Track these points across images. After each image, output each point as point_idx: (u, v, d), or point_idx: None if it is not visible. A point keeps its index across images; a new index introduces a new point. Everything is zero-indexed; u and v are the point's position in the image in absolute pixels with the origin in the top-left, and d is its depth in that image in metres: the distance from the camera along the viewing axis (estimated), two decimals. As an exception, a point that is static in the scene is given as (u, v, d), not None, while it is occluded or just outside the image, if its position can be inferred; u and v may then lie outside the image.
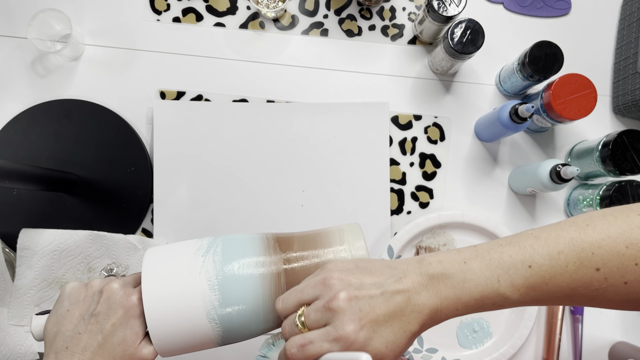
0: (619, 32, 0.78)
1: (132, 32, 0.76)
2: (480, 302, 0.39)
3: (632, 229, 0.37)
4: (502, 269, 0.38)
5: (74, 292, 0.44)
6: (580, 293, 0.38)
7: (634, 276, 0.37)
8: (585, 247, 0.37)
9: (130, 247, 0.70)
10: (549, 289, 0.38)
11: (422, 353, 0.71)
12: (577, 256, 0.37)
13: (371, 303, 0.37)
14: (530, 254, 0.38)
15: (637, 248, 0.37)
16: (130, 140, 0.73)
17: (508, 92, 0.76)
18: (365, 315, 0.37)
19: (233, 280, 0.42)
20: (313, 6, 0.78)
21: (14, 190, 0.71)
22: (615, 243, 0.37)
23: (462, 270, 0.39)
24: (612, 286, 0.37)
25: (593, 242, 0.37)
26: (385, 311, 0.37)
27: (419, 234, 0.72)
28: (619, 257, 0.37)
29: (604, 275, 0.37)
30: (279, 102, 0.75)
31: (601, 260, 0.37)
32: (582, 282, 0.37)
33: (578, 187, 0.74)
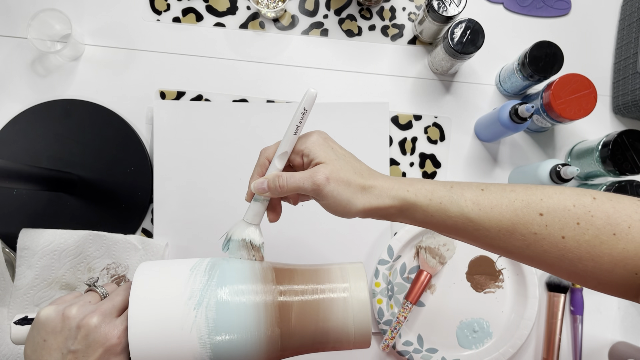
0: (619, 32, 0.78)
1: (132, 32, 0.76)
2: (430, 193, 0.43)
3: (585, 195, 0.40)
4: (458, 185, 0.43)
5: (49, 322, 0.41)
6: (520, 232, 0.40)
7: (572, 233, 0.39)
8: (537, 193, 0.41)
9: (130, 247, 0.70)
10: (493, 214, 0.41)
11: (422, 353, 0.71)
12: (527, 197, 0.41)
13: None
14: (486, 185, 0.43)
15: (583, 210, 0.39)
16: (130, 140, 0.73)
17: (508, 92, 0.76)
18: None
19: (226, 311, 0.41)
20: (313, 6, 0.78)
21: (14, 190, 0.71)
22: (564, 199, 0.40)
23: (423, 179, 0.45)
24: (550, 235, 0.39)
25: (545, 192, 0.41)
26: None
27: (419, 234, 0.72)
28: (564, 211, 0.39)
29: (545, 222, 0.40)
30: (279, 102, 0.75)
31: (547, 208, 0.40)
32: (524, 220, 0.40)
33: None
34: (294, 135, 0.45)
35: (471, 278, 0.73)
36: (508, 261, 0.73)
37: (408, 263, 0.73)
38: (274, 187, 0.45)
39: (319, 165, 0.44)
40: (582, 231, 0.39)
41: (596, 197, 0.40)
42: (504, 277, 0.73)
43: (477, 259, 0.73)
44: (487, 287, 0.73)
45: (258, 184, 0.45)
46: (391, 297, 0.72)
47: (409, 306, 0.69)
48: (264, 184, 0.45)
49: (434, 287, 0.73)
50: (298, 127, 0.45)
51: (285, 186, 0.44)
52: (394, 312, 0.72)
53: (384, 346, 0.69)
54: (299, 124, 0.45)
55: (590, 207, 0.39)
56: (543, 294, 0.74)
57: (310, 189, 0.43)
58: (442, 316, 0.72)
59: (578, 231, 0.39)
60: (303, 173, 0.44)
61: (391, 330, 0.69)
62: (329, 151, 0.45)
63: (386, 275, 0.71)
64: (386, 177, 0.45)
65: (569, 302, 0.74)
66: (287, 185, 0.44)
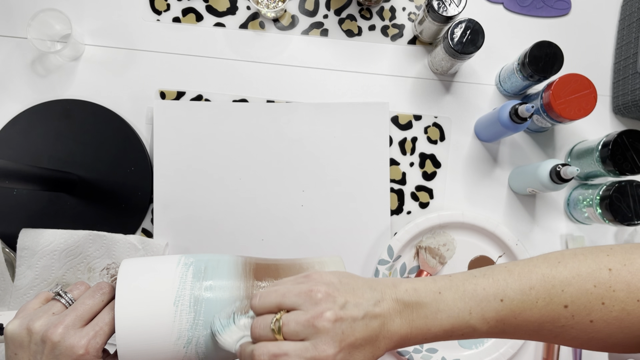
0: (619, 32, 0.78)
1: (132, 32, 0.76)
2: (449, 333, 0.40)
3: (601, 269, 0.38)
4: (474, 301, 0.39)
5: (15, 337, 0.41)
6: (547, 329, 0.39)
7: (599, 315, 0.38)
8: (556, 284, 0.39)
9: (130, 247, 0.70)
10: (517, 323, 0.39)
11: (422, 353, 0.71)
12: (548, 292, 0.39)
13: (353, 326, 0.37)
14: (503, 288, 0.39)
15: (604, 288, 0.38)
16: (130, 140, 0.73)
17: (508, 92, 0.76)
18: (346, 339, 0.37)
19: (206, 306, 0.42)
20: (313, 6, 0.78)
21: (14, 190, 0.71)
22: (584, 282, 0.38)
23: (436, 300, 0.39)
24: (578, 323, 0.38)
25: (563, 279, 0.39)
26: (363, 335, 0.38)
27: (419, 234, 0.72)
28: (586, 295, 0.38)
29: (571, 313, 0.38)
30: (279, 102, 0.75)
31: (570, 298, 0.38)
32: (550, 317, 0.39)
33: (578, 187, 0.74)
34: None
35: (471, 278, 0.73)
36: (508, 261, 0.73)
37: (408, 263, 0.73)
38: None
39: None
40: (609, 310, 0.38)
41: (611, 267, 0.38)
42: (504, 277, 0.73)
43: (477, 259, 0.73)
44: (487, 287, 0.73)
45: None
46: (391, 297, 0.72)
47: (409, 306, 0.69)
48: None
49: (434, 287, 0.73)
50: None
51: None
52: (394, 312, 0.71)
53: (384, 346, 0.69)
54: None
55: (610, 281, 0.38)
56: (543, 294, 0.74)
57: None
58: (442, 316, 0.72)
59: (605, 311, 0.38)
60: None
61: (391, 330, 0.69)
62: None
63: (386, 275, 0.71)
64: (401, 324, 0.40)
65: (569, 302, 0.74)
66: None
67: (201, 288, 0.43)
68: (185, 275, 0.43)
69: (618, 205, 0.65)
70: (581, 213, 0.72)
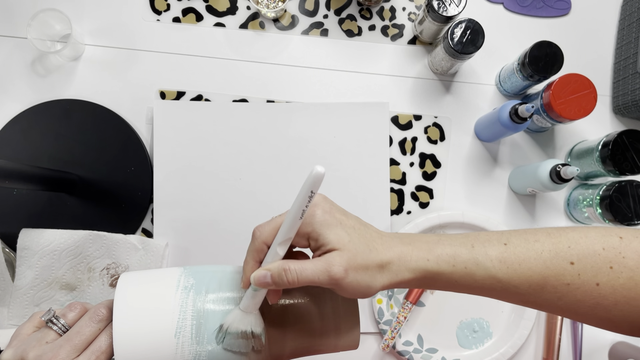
0: (619, 32, 0.78)
1: (132, 32, 0.76)
2: (452, 259, 0.39)
3: (611, 236, 0.38)
4: (477, 241, 0.40)
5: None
6: (552, 284, 0.38)
7: (606, 278, 0.37)
8: (563, 240, 0.38)
9: (130, 247, 0.70)
10: (522, 270, 0.38)
11: (422, 353, 0.71)
12: (554, 246, 0.38)
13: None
14: (507, 237, 0.39)
15: (614, 252, 0.37)
16: (130, 140, 0.73)
17: (508, 92, 0.76)
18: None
19: (208, 318, 0.41)
20: (313, 6, 0.78)
21: (14, 190, 0.71)
22: (592, 243, 0.38)
23: (440, 240, 0.41)
24: (584, 284, 0.37)
25: (571, 238, 0.38)
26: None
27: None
28: (594, 256, 0.37)
29: (577, 271, 0.37)
30: (279, 102, 0.75)
31: (576, 255, 0.37)
32: (555, 272, 0.37)
33: (578, 187, 0.74)
34: (299, 220, 0.39)
35: (471, 278, 0.73)
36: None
37: (408, 263, 0.73)
38: (281, 282, 0.38)
39: (332, 253, 0.38)
40: (616, 275, 0.37)
41: (622, 236, 0.38)
42: (504, 277, 0.73)
43: (477, 259, 0.73)
44: (487, 287, 0.73)
45: (260, 277, 0.39)
46: (391, 297, 0.72)
47: (409, 306, 0.69)
48: (267, 278, 0.39)
49: (434, 287, 0.73)
50: (304, 211, 0.38)
51: (295, 282, 0.38)
52: (394, 312, 0.72)
53: (384, 346, 0.69)
54: (305, 209, 0.38)
55: (620, 248, 0.37)
56: (543, 294, 0.74)
57: (327, 282, 0.38)
58: (442, 316, 0.72)
59: (612, 276, 0.37)
60: (315, 265, 0.38)
61: (391, 330, 0.69)
62: (340, 231, 0.39)
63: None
64: (400, 242, 0.41)
65: (569, 302, 0.74)
66: (298, 280, 0.38)
67: (204, 315, 0.41)
68: (185, 302, 0.41)
69: (618, 205, 0.65)
70: (581, 213, 0.72)
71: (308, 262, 0.38)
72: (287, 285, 0.38)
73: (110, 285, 0.70)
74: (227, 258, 0.72)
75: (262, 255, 0.40)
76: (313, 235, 0.40)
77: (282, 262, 0.39)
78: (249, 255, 0.41)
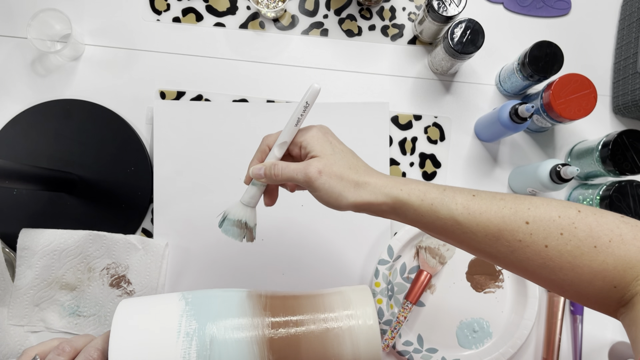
0: (619, 32, 0.78)
1: (132, 32, 0.76)
2: (422, 194, 0.44)
3: (570, 208, 0.41)
4: (450, 188, 0.45)
5: None
6: (506, 238, 0.41)
7: (555, 242, 0.40)
8: (525, 203, 0.42)
9: (130, 247, 0.70)
10: (481, 219, 0.42)
11: (422, 353, 0.71)
12: (515, 205, 0.42)
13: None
14: (477, 191, 0.44)
15: (567, 222, 0.40)
16: (130, 140, 0.73)
17: (508, 92, 0.76)
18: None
19: (215, 348, 0.37)
20: (313, 6, 0.78)
21: (14, 190, 0.71)
22: (550, 209, 0.41)
23: (417, 180, 0.46)
24: (534, 243, 0.40)
25: (533, 202, 0.42)
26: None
27: (419, 234, 0.72)
28: (549, 221, 0.40)
29: (530, 230, 0.41)
30: (279, 102, 0.75)
31: (532, 217, 0.41)
32: (510, 227, 0.41)
33: (578, 187, 0.74)
34: (295, 127, 0.47)
35: (471, 278, 0.73)
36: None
37: (408, 263, 0.73)
38: (270, 175, 0.47)
39: (313, 158, 0.46)
40: (565, 241, 0.40)
41: (581, 210, 0.41)
42: (504, 277, 0.73)
43: (477, 259, 0.73)
44: (487, 287, 0.73)
45: (256, 169, 0.48)
46: (391, 297, 0.72)
47: (409, 306, 0.69)
48: (261, 170, 0.47)
49: (434, 287, 0.73)
50: (299, 119, 0.46)
51: (279, 175, 0.46)
52: (394, 312, 0.72)
53: (384, 346, 0.69)
54: (300, 117, 0.46)
55: (575, 219, 0.40)
56: (543, 294, 0.74)
57: (302, 180, 0.45)
58: (442, 316, 0.72)
59: (561, 241, 0.40)
60: (297, 165, 0.46)
61: (391, 330, 0.69)
62: (326, 145, 0.46)
63: (386, 275, 0.71)
64: (381, 175, 0.46)
65: (568, 302, 0.74)
66: (282, 174, 0.46)
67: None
68: (188, 353, 0.37)
69: (618, 205, 0.65)
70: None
71: (293, 163, 0.46)
72: (274, 179, 0.47)
73: (110, 285, 0.70)
74: (227, 258, 0.72)
75: (264, 156, 0.49)
76: (304, 144, 0.47)
77: (274, 159, 0.48)
78: (254, 155, 0.49)
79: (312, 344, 0.39)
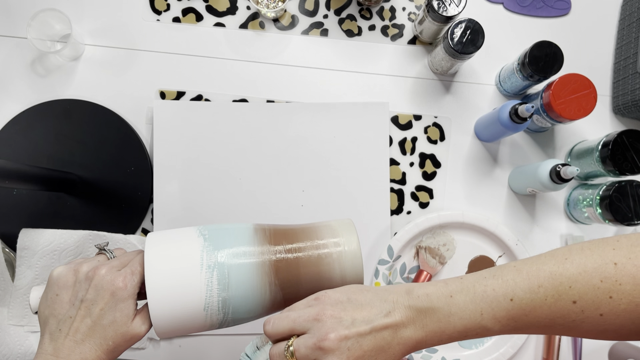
0: (619, 32, 0.78)
1: (132, 32, 0.76)
2: (463, 334, 0.41)
3: (607, 264, 0.39)
4: (485, 302, 0.41)
5: (62, 277, 0.45)
6: (559, 324, 0.40)
7: (608, 308, 0.39)
8: (564, 282, 0.40)
9: (130, 247, 0.70)
10: (528, 320, 0.40)
11: (422, 353, 0.71)
12: (556, 290, 0.40)
13: (360, 341, 0.40)
14: (512, 288, 0.41)
15: (611, 282, 0.39)
16: (130, 140, 0.73)
17: (508, 92, 0.76)
18: (353, 354, 0.40)
19: (231, 270, 0.45)
20: (313, 6, 0.78)
21: (14, 190, 0.71)
22: (590, 277, 0.39)
23: (448, 304, 0.41)
24: (588, 318, 0.39)
25: (570, 276, 0.40)
26: (372, 347, 0.40)
27: (419, 234, 0.72)
28: (594, 290, 0.39)
29: (580, 308, 0.39)
30: (279, 102, 0.75)
31: (578, 294, 0.39)
32: (560, 314, 0.40)
33: (578, 187, 0.74)
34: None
35: (471, 278, 0.73)
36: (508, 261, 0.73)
37: (408, 263, 0.73)
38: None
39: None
40: (617, 303, 0.38)
41: (617, 262, 0.39)
42: (504, 277, 0.73)
43: (477, 259, 0.73)
44: (487, 287, 0.73)
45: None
46: (391, 297, 0.72)
47: (409, 306, 0.69)
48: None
49: (434, 287, 0.73)
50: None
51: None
52: (394, 312, 0.71)
53: (384, 346, 0.69)
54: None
55: (616, 275, 0.39)
56: (543, 294, 0.74)
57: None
58: (442, 316, 0.72)
59: (614, 305, 0.38)
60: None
61: (391, 330, 0.69)
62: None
63: (386, 275, 0.71)
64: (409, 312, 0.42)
65: (569, 302, 0.74)
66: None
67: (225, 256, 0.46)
68: (211, 282, 0.45)
69: (618, 205, 0.65)
70: (581, 213, 0.72)
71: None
72: None
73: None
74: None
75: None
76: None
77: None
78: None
79: (308, 267, 0.46)
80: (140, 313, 0.46)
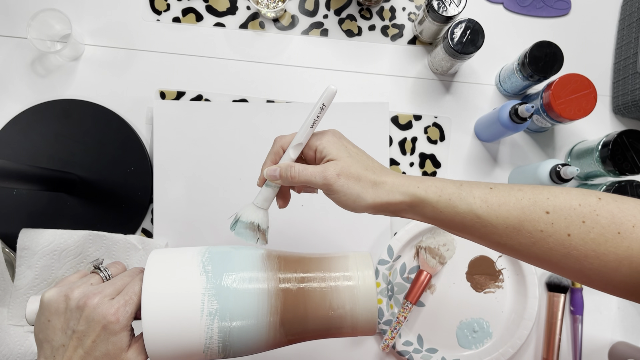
0: (619, 32, 0.78)
1: (132, 32, 0.76)
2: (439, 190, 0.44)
3: (590, 196, 0.41)
4: (466, 182, 0.45)
5: (52, 303, 0.43)
6: (527, 229, 0.41)
7: (577, 231, 0.40)
8: (544, 192, 0.42)
9: (130, 247, 0.70)
10: (500, 211, 0.42)
11: (422, 353, 0.71)
12: (534, 195, 0.42)
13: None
14: (494, 184, 0.44)
15: (589, 209, 0.40)
16: (130, 140, 0.73)
17: (508, 92, 0.76)
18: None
19: (233, 319, 0.42)
20: (313, 6, 0.78)
21: (14, 190, 0.71)
22: (570, 198, 0.41)
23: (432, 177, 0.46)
24: (556, 233, 0.40)
25: (552, 191, 0.42)
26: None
27: (419, 234, 0.72)
28: (569, 209, 0.40)
29: (551, 220, 0.40)
30: (279, 102, 0.75)
31: (553, 206, 0.41)
32: (531, 218, 0.41)
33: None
34: (311, 128, 0.47)
35: (471, 278, 0.73)
36: (508, 261, 0.73)
37: (408, 263, 0.73)
38: (286, 176, 0.46)
39: (330, 161, 0.46)
40: (588, 229, 0.39)
41: (601, 197, 0.40)
42: (504, 277, 0.73)
43: (477, 259, 0.73)
44: (487, 287, 0.73)
45: (271, 170, 0.47)
46: (391, 297, 0.72)
47: (409, 306, 0.69)
48: (276, 172, 0.47)
49: (434, 287, 0.73)
50: (315, 120, 0.47)
51: (297, 177, 0.46)
52: (394, 312, 0.72)
53: (384, 346, 0.69)
54: (316, 118, 0.47)
55: (596, 206, 0.40)
56: (543, 294, 0.74)
57: (321, 183, 0.45)
58: (442, 316, 0.72)
59: (583, 229, 0.39)
60: (315, 167, 0.45)
61: (391, 330, 0.69)
62: (342, 149, 0.46)
63: (386, 275, 0.71)
64: (397, 174, 0.46)
65: (569, 302, 0.74)
66: (299, 176, 0.46)
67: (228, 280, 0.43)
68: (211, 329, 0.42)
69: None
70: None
71: (310, 165, 0.46)
72: (290, 180, 0.46)
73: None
74: (227, 258, 0.72)
75: (278, 158, 0.49)
76: (320, 148, 0.47)
77: (290, 161, 0.47)
78: (267, 157, 0.49)
79: (315, 298, 0.43)
80: (136, 344, 0.43)
